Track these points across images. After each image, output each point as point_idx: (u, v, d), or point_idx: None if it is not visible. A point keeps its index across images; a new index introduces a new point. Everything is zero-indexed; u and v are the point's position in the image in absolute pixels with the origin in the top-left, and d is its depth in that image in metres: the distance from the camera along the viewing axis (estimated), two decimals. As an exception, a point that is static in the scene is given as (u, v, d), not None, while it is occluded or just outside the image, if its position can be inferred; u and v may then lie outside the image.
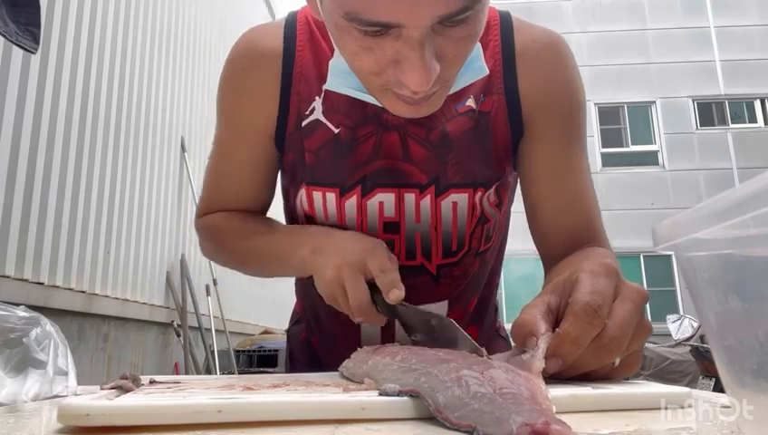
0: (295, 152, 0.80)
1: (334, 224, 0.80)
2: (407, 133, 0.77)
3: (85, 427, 0.36)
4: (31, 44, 1.68)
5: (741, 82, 11.45)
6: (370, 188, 0.77)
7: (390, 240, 0.78)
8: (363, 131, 0.77)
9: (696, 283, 0.31)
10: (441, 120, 0.76)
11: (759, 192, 0.23)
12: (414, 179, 0.77)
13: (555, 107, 0.79)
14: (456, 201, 0.78)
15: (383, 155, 0.77)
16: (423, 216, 0.78)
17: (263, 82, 0.79)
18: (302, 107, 0.78)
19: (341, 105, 0.77)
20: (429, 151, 0.77)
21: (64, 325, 2.51)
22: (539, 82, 0.78)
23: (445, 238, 0.79)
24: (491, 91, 0.78)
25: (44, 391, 0.55)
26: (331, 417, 0.38)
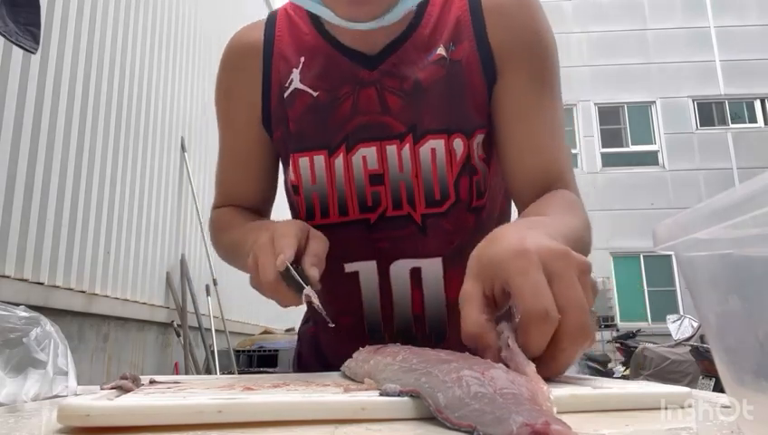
0: (282, 126, 0.85)
1: (322, 187, 0.82)
2: (383, 87, 0.81)
3: (85, 427, 0.36)
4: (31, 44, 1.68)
5: (741, 82, 11.46)
6: (353, 144, 0.81)
7: (377, 192, 0.81)
8: (341, 91, 0.81)
9: (696, 283, 0.31)
10: (414, 71, 0.80)
11: (759, 192, 0.23)
12: (393, 130, 0.80)
13: (524, 53, 0.81)
14: (434, 147, 0.80)
15: (362, 111, 0.81)
16: (405, 165, 0.80)
17: (248, 77, 0.86)
18: (283, 81, 0.84)
19: (318, 70, 0.83)
20: (404, 101, 0.80)
21: (64, 325, 2.51)
22: (507, 30, 0.81)
23: (426, 186, 0.80)
24: (461, 39, 0.81)
25: (44, 391, 0.55)
26: (332, 417, 0.38)
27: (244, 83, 0.87)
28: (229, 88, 0.90)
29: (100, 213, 2.91)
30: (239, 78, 0.88)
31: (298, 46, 0.85)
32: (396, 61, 0.81)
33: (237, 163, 0.92)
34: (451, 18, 0.82)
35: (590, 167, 11.44)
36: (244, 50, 0.88)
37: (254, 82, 0.86)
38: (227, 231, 0.88)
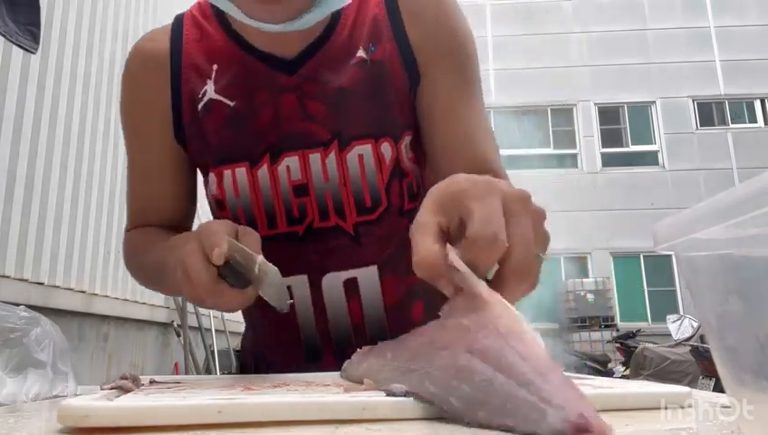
0: (197, 140, 0.80)
1: (245, 200, 0.78)
2: (303, 93, 0.77)
3: (85, 428, 0.36)
4: (31, 44, 1.68)
5: (741, 82, 11.45)
6: (278, 153, 0.78)
7: (302, 203, 0.78)
8: (259, 99, 0.78)
9: (696, 283, 0.31)
10: (335, 75, 0.78)
11: (759, 192, 0.23)
12: (317, 138, 0.77)
13: (446, 50, 0.80)
14: (361, 153, 0.77)
15: (283, 118, 0.77)
16: (330, 173, 0.77)
17: (153, 85, 0.81)
18: (196, 92, 0.79)
19: (232, 77, 0.79)
20: (327, 106, 0.77)
21: (64, 325, 2.51)
22: (426, 27, 0.80)
23: (356, 194, 0.78)
24: (380, 39, 0.79)
25: (44, 391, 0.55)
26: (332, 417, 0.38)
27: (150, 96, 0.82)
28: (134, 101, 0.84)
29: (100, 213, 2.91)
30: (145, 91, 0.82)
31: (208, 53, 0.81)
32: (315, 65, 0.78)
33: (150, 177, 0.85)
34: (368, 18, 0.80)
35: (590, 167, 11.44)
36: (149, 60, 0.83)
37: (161, 95, 0.81)
38: (146, 253, 0.79)
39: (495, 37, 11.87)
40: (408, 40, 0.79)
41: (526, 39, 11.87)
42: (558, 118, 11.80)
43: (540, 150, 11.70)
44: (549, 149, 11.72)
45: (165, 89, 0.81)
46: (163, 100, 0.81)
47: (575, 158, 11.62)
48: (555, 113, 11.80)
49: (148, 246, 0.80)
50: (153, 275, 0.79)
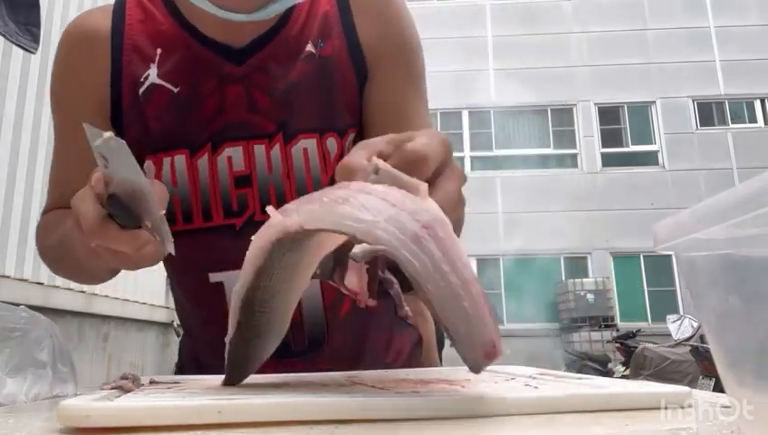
0: (136, 125, 0.77)
1: (184, 190, 0.76)
2: (251, 84, 0.76)
3: (85, 428, 0.36)
4: (31, 44, 1.69)
5: (741, 82, 11.45)
6: (219, 143, 0.76)
7: (243, 195, 0.76)
8: (205, 87, 0.76)
9: (696, 283, 0.31)
10: (284, 68, 0.77)
11: (759, 192, 0.23)
12: (262, 130, 0.76)
13: (396, 50, 0.81)
14: (306, 147, 0.77)
15: (228, 109, 0.76)
16: (274, 165, 0.76)
17: (90, 65, 0.77)
18: (137, 75, 0.76)
19: (177, 63, 0.76)
20: (274, 99, 0.77)
21: (64, 325, 2.51)
22: (377, 26, 0.80)
23: (299, 187, 0.77)
24: (330, 35, 0.79)
25: (44, 391, 0.55)
26: (332, 417, 0.38)
27: (87, 77, 0.78)
28: (68, 81, 0.79)
29: (100, 213, 2.91)
30: (82, 71, 0.78)
31: (153, 36, 0.78)
32: (265, 56, 0.77)
33: (77, 159, 0.77)
34: (319, 13, 0.80)
35: (590, 167, 11.44)
36: (89, 37, 0.78)
37: (100, 75, 0.77)
38: (54, 231, 0.74)
39: (495, 37, 11.88)
40: (357, 37, 0.80)
41: (526, 39, 11.87)
42: (558, 118, 11.80)
43: (540, 150, 11.70)
44: (549, 149, 11.72)
45: (104, 69, 0.77)
46: (101, 81, 0.77)
47: (575, 158, 11.63)
48: (555, 113, 11.80)
49: (56, 227, 0.74)
50: (59, 252, 0.73)
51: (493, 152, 11.60)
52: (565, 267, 11.03)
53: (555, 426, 0.37)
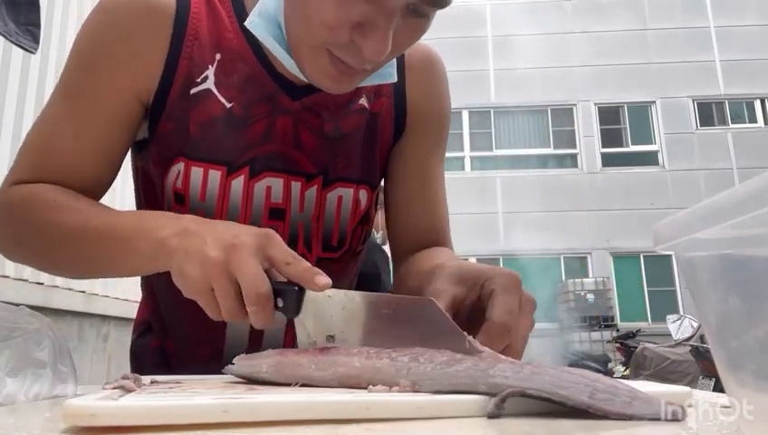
0: (176, 121, 0.72)
1: (211, 206, 0.72)
2: (300, 121, 0.75)
3: (87, 427, 0.36)
4: (31, 44, 1.69)
5: (741, 82, 11.46)
6: (260, 170, 0.74)
7: (275, 227, 0.72)
8: (257, 111, 0.74)
9: (696, 283, 0.31)
10: (335, 115, 0.77)
11: (759, 192, 0.23)
12: (302, 168, 0.76)
13: (433, 119, 0.85)
14: (341, 195, 0.79)
15: (275, 139, 0.74)
16: (307, 206, 0.77)
17: (148, 37, 0.70)
18: (194, 73, 0.72)
19: (237, 80, 0.73)
20: (321, 142, 0.76)
21: (64, 325, 2.51)
22: (423, 93, 0.84)
23: (326, 231, 0.79)
24: (381, 94, 0.82)
25: (44, 391, 0.55)
26: (337, 417, 0.38)
27: (143, 45, 0.71)
28: (119, 34, 0.70)
29: (101, 213, 2.92)
30: (139, 35, 0.70)
31: (216, 40, 0.73)
32: (319, 100, 0.76)
33: (88, 133, 0.71)
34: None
35: (590, 167, 11.44)
36: (154, 8, 0.71)
37: (156, 47, 0.71)
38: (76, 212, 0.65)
39: (495, 37, 11.88)
40: (405, 95, 0.83)
41: (526, 39, 11.87)
42: (558, 118, 11.80)
43: (540, 150, 11.70)
44: (549, 149, 11.73)
45: (162, 49, 0.71)
46: (155, 61, 0.71)
47: (575, 158, 11.63)
48: (555, 113, 11.80)
49: (78, 208, 0.66)
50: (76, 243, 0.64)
51: (493, 152, 11.60)
52: (565, 267, 11.03)
53: (555, 426, 0.37)
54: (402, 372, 0.46)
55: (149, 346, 0.88)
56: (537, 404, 0.40)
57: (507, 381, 0.41)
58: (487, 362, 0.45)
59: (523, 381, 0.41)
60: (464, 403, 0.41)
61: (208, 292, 0.54)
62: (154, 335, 0.87)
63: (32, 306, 0.63)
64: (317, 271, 0.55)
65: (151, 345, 0.87)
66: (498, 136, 11.69)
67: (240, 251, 0.53)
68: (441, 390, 0.43)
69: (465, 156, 11.51)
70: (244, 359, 0.57)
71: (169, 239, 0.57)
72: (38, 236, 0.68)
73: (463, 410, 0.40)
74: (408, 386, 0.45)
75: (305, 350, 0.55)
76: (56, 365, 0.58)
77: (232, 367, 0.57)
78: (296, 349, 0.56)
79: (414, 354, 0.47)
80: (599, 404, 0.39)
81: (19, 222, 0.69)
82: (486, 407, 0.40)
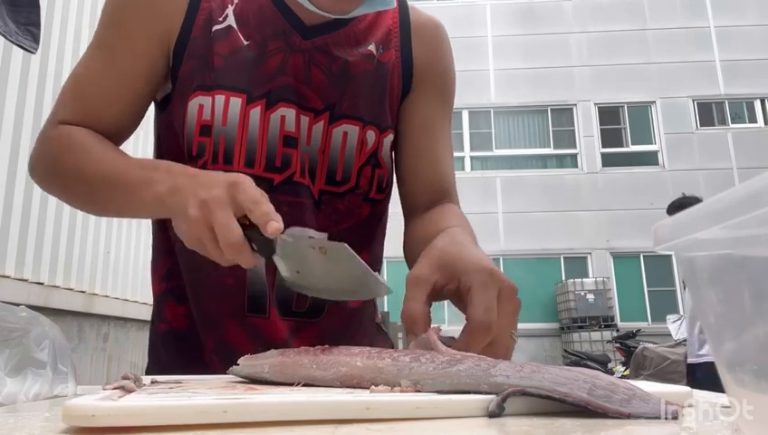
0: (197, 58, 0.78)
1: (232, 130, 0.78)
2: (311, 59, 0.81)
3: (87, 427, 0.36)
4: (31, 44, 1.69)
5: (741, 82, 11.45)
6: (275, 101, 0.79)
7: (288, 154, 0.80)
8: (271, 46, 0.80)
9: (696, 283, 0.31)
10: (344, 55, 0.83)
11: (759, 192, 0.23)
12: (311, 103, 0.81)
13: (438, 74, 0.91)
14: (346, 131, 0.83)
15: (288, 73, 0.80)
16: (314, 139, 0.81)
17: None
18: (215, 13, 0.79)
19: (252, 19, 0.80)
20: (329, 80, 0.82)
21: (64, 325, 2.51)
22: (429, 55, 0.90)
23: (330, 164, 0.82)
24: (389, 46, 0.87)
25: (44, 391, 0.55)
26: (337, 417, 0.38)
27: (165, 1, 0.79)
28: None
29: (100, 213, 2.92)
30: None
31: None
32: (328, 41, 0.82)
33: (117, 77, 0.79)
34: (384, 24, 0.87)
35: (590, 167, 11.44)
36: None
37: (178, 2, 0.79)
38: (96, 158, 0.74)
39: (495, 37, 11.87)
40: (411, 54, 0.88)
41: (526, 39, 11.87)
42: (558, 118, 11.80)
43: (540, 150, 11.70)
44: (549, 149, 11.72)
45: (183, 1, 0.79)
46: (177, 10, 0.79)
47: (575, 158, 11.62)
48: (555, 113, 11.80)
49: (91, 149, 0.75)
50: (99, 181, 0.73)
51: (493, 152, 11.60)
52: (565, 267, 11.02)
53: (556, 426, 0.37)
54: (404, 371, 0.46)
55: (160, 331, 0.88)
56: (537, 404, 0.40)
57: (508, 380, 0.41)
58: (488, 361, 0.45)
59: (524, 380, 0.41)
60: (463, 403, 0.41)
61: (200, 244, 0.63)
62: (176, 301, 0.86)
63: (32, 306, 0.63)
64: (271, 217, 0.60)
65: (161, 330, 0.87)
66: (498, 136, 11.69)
67: (212, 205, 0.61)
68: (443, 389, 0.43)
69: (465, 156, 11.50)
70: (248, 359, 0.57)
71: (165, 197, 0.66)
72: (63, 173, 0.77)
73: (463, 409, 0.40)
74: (410, 386, 0.45)
75: (306, 350, 0.55)
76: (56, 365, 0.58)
77: (235, 368, 0.58)
78: (298, 349, 0.57)
79: (416, 355, 0.48)
80: (597, 401, 0.39)
81: (51, 161, 0.79)
82: (486, 406, 0.40)
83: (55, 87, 2.51)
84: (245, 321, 0.80)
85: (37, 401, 0.53)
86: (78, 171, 0.75)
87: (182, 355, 0.85)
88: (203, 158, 0.78)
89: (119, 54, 0.79)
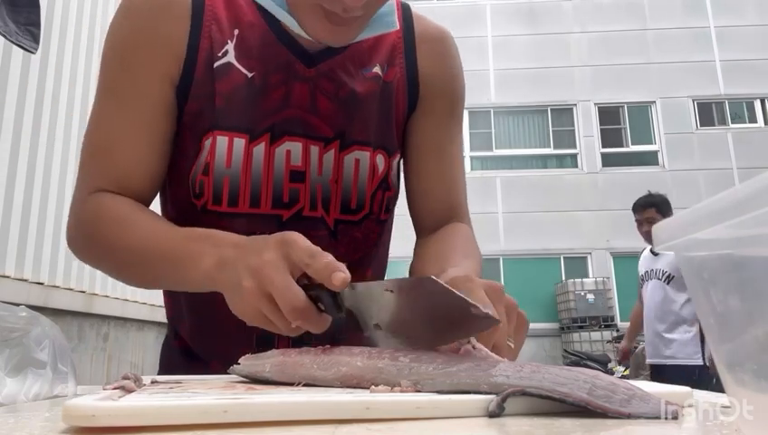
0: (202, 99, 0.76)
1: (236, 172, 0.75)
2: (316, 87, 0.79)
3: (87, 427, 0.36)
4: (31, 44, 1.69)
5: (741, 82, 11.45)
6: (279, 135, 0.77)
7: (296, 190, 0.78)
8: (274, 78, 0.78)
9: (696, 283, 0.31)
10: (350, 81, 0.81)
11: (759, 192, 0.23)
12: (320, 132, 0.79)
13: (446, 87, 0.88)
14: (358, 158, 0.81)
15: (293, 104, 0.78)
16: (325, 169, 0.80)
17: (170, 23, 0.75)
18: (215, 50, 0.76)
19: (254, 51, 0.77)
20: (337, 107, 0.80)
21: (64, 325, 2.51)
22: (435, 66, 0.87)
23: (344, 193, 0.81)
24: (393, 64, 0.84)
25: (44, 391, 0.55)
26: (336, 417, 0.38)
27: (168, 32, 0.75)
28: (143, 27, 0.75)
29: (100, 213, 2.91)
30: (162, 24, 0.75)
31: (233, 17, 0.78)
32: (333, 66, 0.80)
33: (138, 133, 0.75)
34: (388, 41, 0.84)
35: (590, 167, 11.44)
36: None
37: (177, 34, 0.75)
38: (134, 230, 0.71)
39: (495, 37, 11.87)
40: (416, 69, 0.85)
41: (526, 39, 11.86)
42: (558, 118, 11.79)
43: (540, 150, 11.70)
44: (549, 149, 11.72)
45: (184, 31, 0.75)
46: (178, 46, 0.75)
47: (575, 158, 11.62)
48: (555, 113, 11.79)
49: (136, 222, 0.71)
50: (135, 261, 0.70)
51: (493, 152, 11.59)
52: (565, 267, 11.02)
53: (555, 425, 0.37)
54: (404, 372, 0.46)
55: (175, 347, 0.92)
56: (538, 403, 0.40)
57: (508, 380, 0.41)
58: (488, 361, 0.45)
59: (524, 380, 0.41)
60: (463, 403, 0.41)
61: (260, 317, 0.57)
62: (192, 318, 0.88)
63: (32, 306, 0.63)
64: (335, 267, 0.55)
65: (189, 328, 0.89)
66: (498, 136, 11.68)
67: (266, 271, 0.56)
68: (443, 389, 0.43)
69: (466, 156, 11.50)
70: (249, 359, 0.58)
71: (213, 273, 0.62)
72: (104, 251, 0.74)
73: (462, 409, 0.40)
74: (410, 386, 0.45)
75: (307, 350, 0.55)
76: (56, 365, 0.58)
77: (236, 367, 0.58)
78: (299, 349, 0.57)
79: (416, 354, 0.48)
80: (597, 401, 0.39)
81: (89, 236, 0.75)
82: (486, 406, 0.40)
83: (55, 87, 2.51)
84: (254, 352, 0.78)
85: (37, 401, 0.53)
86: (119, 245, 0.71)
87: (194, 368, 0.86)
88: (203, 198, 0.76)
89: (134, 102, 0.75)
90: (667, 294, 3.51)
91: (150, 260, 0.69)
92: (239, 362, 0.58)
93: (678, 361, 3.38)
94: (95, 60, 2.86)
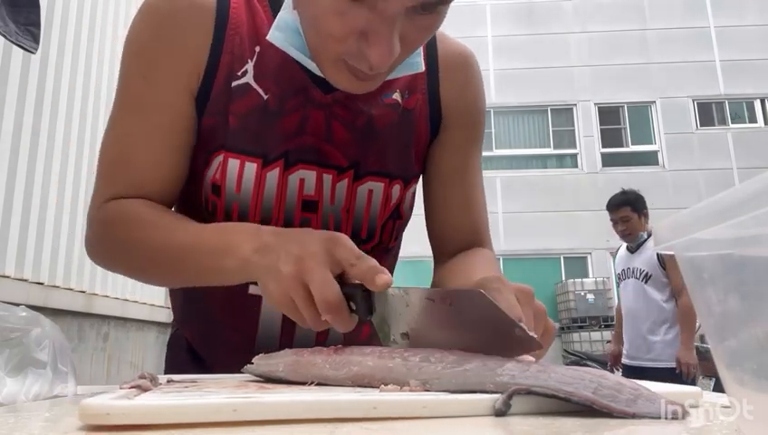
0: (217, 116, 0.74)
1: (246, 198, 0.74)
2: (332, 115, 0.76)
3: (95, 426, 0.37)
4: (31, 44, 1.69)
5: (741, 82, 11.45)
6: (293, 163, 0.75)
7: (307, 219, 0.77)
8: (290, 103, 0.75)
9: (696, 283, 0.31)
10: (368, 108, 0.77)
11: (759, 192, 0.23)
12: (334, 161, 0.77)
13: (468, 116, 0.86)
14: (372, 189, 0.79)
15: (308, 132, 0.76)
16: (338, 198, 0.78)
17: (193, 33, 0.73)
18: (235, 67, 0.74)
19: (272, 71, 0.75)
20: (353, 136, 0.77)
21: (64, 325, 2.51)
22: (457, 90, 0.84)
23: (355, 223, 0.79)
24: (415, 90, 0.82)
25: (44, 391, 0.55)
26: (345, 416, 0.39)
27: (188, 35, 0.73)
28: (165, 33, 0.73)
29: (101, 213, 2.91)
30: (182, 26, 0.73)
31: (254, 34, 0.75)
32: (350, 93, 0.75)
33: (161, 131, 0.73)
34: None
35: (590, 167, 11.44)
36: (195, 5, 0.73)
37: (199, 43, 0.73)
38: (162, 229, 0.69)
39: (495, 37, 11.87)
40: (439, 95, 0.83)
41: (526, 39, 11.86)
42: (558, 118, 11.79)
43: (540, 150, 11.70)
44: (549, 149, 11.72)
45: (205, 46, 0.73)
46: (200, 56, 0.73)
47: (575, 158, 11.62)
48: (555, 113, 11.79)
49: (163, 224, 0.70)
50: (165, 258, 0.69)
51: (493, 152, 11.59)
52: (565, 267, 11.02)
53: (560, 424, 0.37)
54: (413, 371, 0.46)
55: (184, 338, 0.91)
56: (543, 402, 0.40)
57: (514, 379, 0.42)
58: (495, 361, 0.45)
59: (530, 380, 0.41)
60: (469, 402, 0.41)
61: (290, 304, 0.57)
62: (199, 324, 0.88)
63: (32, 306, 0.63)
64: (378, 270, 0.55)
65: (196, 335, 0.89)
66: (498, 136, 11.68)
67: (309, 262, 0.56)
68: (450, 389, 0.44)
69: (465, 156, 11.49)
70: (263, 358, 0.58)
71: (251, 257, 0.61)
72: (130, 252, 0.72)
73: (468, 408, 0.41)
74: (419, 385, 0.45)
75: (320, 349, 0.55)
76: (56, 365, 0.58)
77: (250, 366, 0.59)
78: (312, 349, 0.57)
79: (425, 354, 0.48)
80: (602, 401, 0.39)
81: (112, 240, 0.73)
82: (492, 405, 0.40)
83: (55, 87, 2.51)
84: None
85: (37, 401, 0.53)
86: (144, 245, 0.70)
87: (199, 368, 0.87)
88: (215, 217, 0.75)
89: (151, 104, 0.73)
90: (647, 294, 3.43)
91: (179, 255, 0.67)
92: (252, 361, 0.59)
93: (661, 363, 3.33)
94: (95, 60, 2.86)
